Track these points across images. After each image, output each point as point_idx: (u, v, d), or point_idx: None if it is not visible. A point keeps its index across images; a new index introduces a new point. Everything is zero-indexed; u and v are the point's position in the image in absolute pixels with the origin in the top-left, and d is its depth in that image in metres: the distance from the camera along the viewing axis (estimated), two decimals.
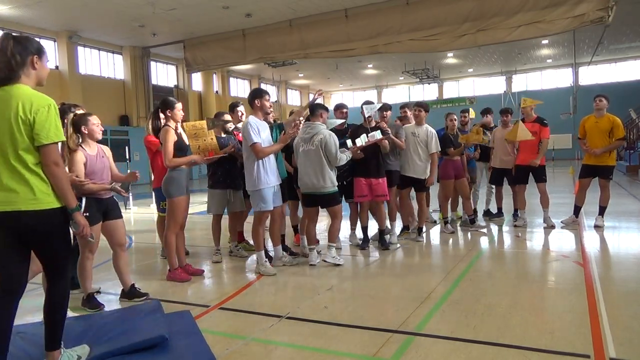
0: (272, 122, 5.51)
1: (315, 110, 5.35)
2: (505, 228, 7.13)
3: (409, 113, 6.79)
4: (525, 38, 13.11)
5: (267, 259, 5.09)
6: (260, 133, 4.82)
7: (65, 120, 3.77)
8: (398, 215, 6.62)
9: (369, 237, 6.21)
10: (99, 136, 4.03)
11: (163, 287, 4.65)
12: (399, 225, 6.70)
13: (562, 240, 6.26)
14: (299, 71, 29.98)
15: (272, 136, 5.14)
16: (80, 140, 3.90)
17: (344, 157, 5.21)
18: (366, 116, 5.85)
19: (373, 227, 6.41)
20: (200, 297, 4.31)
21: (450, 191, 6.89)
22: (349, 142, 5.47)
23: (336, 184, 5.30)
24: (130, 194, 11.77)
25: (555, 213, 7.34)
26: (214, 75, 27.32)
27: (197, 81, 26.56)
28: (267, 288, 4.54)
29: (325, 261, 5.25)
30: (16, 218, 2.46)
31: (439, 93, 35.31)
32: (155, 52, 22.35)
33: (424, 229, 6.59)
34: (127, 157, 12.51)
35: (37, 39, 2.70)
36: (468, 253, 5.68)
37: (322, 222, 6.77)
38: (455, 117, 7.07)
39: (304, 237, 5.75)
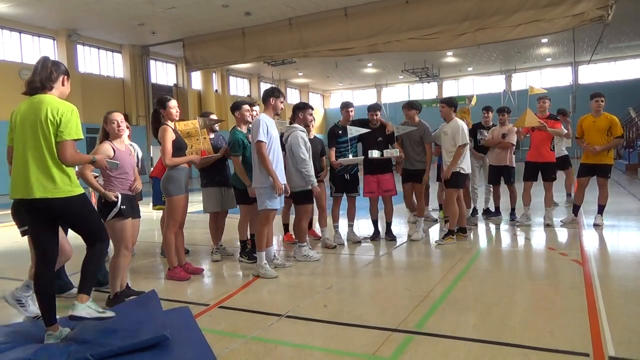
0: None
1: (294, 111, 5.63)
2: (504, 227, 7.13)
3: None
4: (524, 37, 13.14)
5: (266, 261, 4.96)
6: (271, 131, 4.77)
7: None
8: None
9: (376, 231, 6.45)
10: (120, 134, 4.07)
11: (162, 286, 4.65)
12: (398, 223, 6.70)
13: (562, 239, 6.27)
14: (299, 70, 29.97)
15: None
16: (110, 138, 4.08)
17: (310, 170, 5.22)
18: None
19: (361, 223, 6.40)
20: (200, 295, 4.31)
21: None
22: (375, 152, 5.95)
23: (304, 184, 5.26)
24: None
25: (554, 212, 7.34)
26: (214, 74, 27.31)
27: (196, 80, 26.55)
28: (267, 287, 4.54)
29: (298, 260, 5.38)
30: (45, 203, 2.99)
31: (439, 92, 35.30)
32: (155, 50, 22.34)
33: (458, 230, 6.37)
34: None
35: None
36: (467, 252, 5.68)
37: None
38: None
39: (325, 229, 6.17)
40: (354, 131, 5.92)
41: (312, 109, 5.78)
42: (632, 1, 16.19)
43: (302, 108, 5.62)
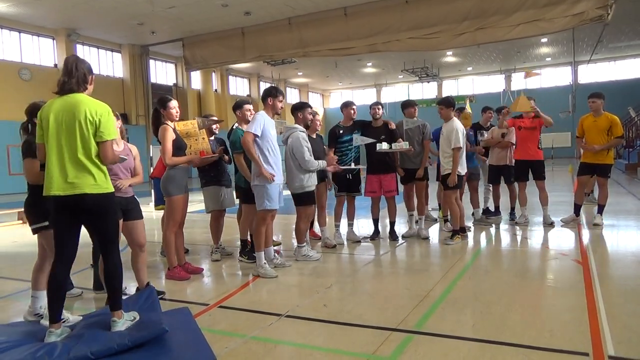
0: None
1: (293, 112, 5.59)
2: (504, 226, 7.13)
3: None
4: (524, 36, 13.14)
5: (265, 261, 4.93)
6: (269, 129, 4.76)
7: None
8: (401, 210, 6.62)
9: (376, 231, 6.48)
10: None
11: (162, 285, 4.64)
12: (399, 223, 6.70)
13: (561, 239, 6.27)
14: (298, 69, 29.97)
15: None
16: None
17: (316, 164, 5.22)
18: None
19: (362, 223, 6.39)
20: (200, 295, 4.31)
21: None
22: (384, 144, 5.90)
23: (307, 185, 5.27)
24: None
25: (554, 211, 7.35)
26: (213, 73, 27.30)
27: (196, 79, 26.54)
28: (267, 286, 4.54)
29: (298, 260, 5.39)
30: (81, 199, 3.07)
31: (438, 91, 35.30)
32: (155, 50, 22.33)
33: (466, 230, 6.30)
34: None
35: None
36: (467, 251, 5.69)
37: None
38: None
39: (324, 228, 6.18)
40: (359, 141, 5.95)
41: (311, 107, 5.76)
42: (631, 1, 16.19)
43: (300, 108, 5.60)
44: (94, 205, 3.12)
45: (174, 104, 4.80)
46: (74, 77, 3.13)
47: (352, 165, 6.07)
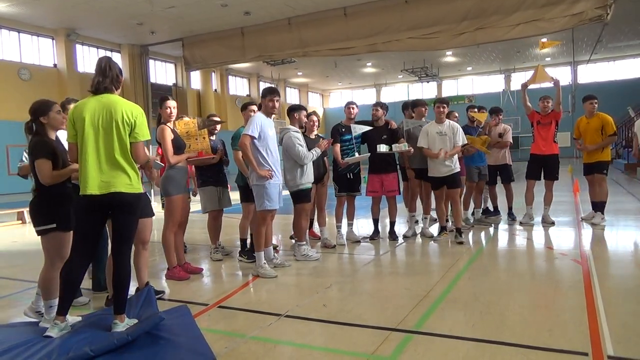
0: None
1: (288, 113, 5.64)
2: (503, 226, 7.13)
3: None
4: (523, 36, 13.16)
5: (265, 261, 4.93)
6: (267, 130, 4.77)
7: None
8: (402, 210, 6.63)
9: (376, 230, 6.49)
10: None
11: (162, 285, 4.64)
12: (399, 223, 6.70)
13: (561, 238, 6.28)
14: (298, 69, 29.99)
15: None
16: None
17: (310, 155, 5.27)
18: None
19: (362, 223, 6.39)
20: (199, 295, 4.31)
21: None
22: (383, 147, 5.94)
23: (300, 183, 5.28)
24: None
25: (553, 211, 7.35)
26: (213, 73, 27.31)
27: (195, 79, 26.55)
28: (266, 286, 4.54)
29: (298, 259, 5.39)
30: (115, 197, 3.12)
31: (438, 91, 35.32)
32: (154, 50, 22.32)
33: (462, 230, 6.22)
34: None
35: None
36: (466, 251, 5.69)
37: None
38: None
39: (324, 228, 6.20)
40: (357, 129, 5.97)
41: (306, 110, 5.78)
42: (631, 1, 16.21)
43: (296, 109, 5.64)
44: (126, 204, 3.17)
45: (169, 103, 4.80)
46: (108, 77, 3.18)
47: (356, 155, 6.07)
